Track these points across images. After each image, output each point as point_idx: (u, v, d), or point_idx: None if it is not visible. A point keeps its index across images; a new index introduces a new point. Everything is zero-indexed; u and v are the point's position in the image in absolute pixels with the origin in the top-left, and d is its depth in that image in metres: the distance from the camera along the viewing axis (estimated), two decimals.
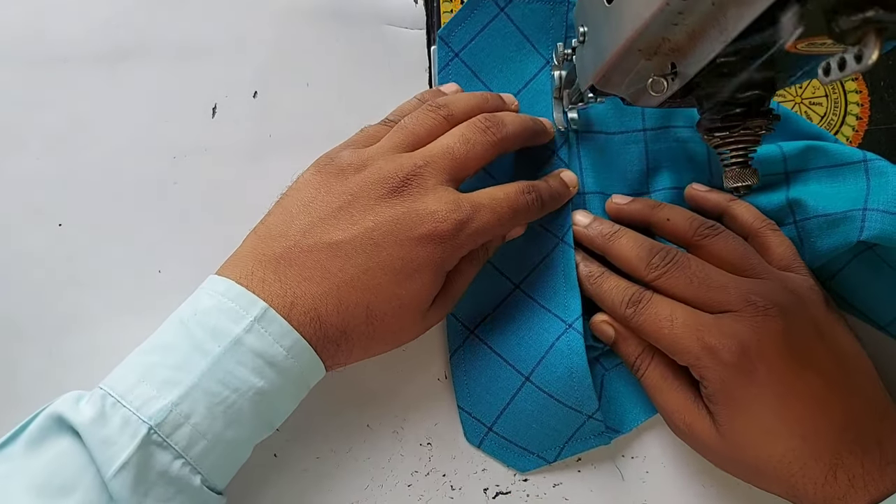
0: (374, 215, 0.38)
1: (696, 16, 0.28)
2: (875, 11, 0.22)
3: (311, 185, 0.40)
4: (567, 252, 0.46)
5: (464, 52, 0.48)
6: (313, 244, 0.37)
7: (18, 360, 0.44)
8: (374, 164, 0.39)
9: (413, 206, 0.38)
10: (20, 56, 0.46)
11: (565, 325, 0.45)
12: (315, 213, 0.38)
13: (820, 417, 0.39)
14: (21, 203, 0.46)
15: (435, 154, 0.40)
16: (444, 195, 0.39)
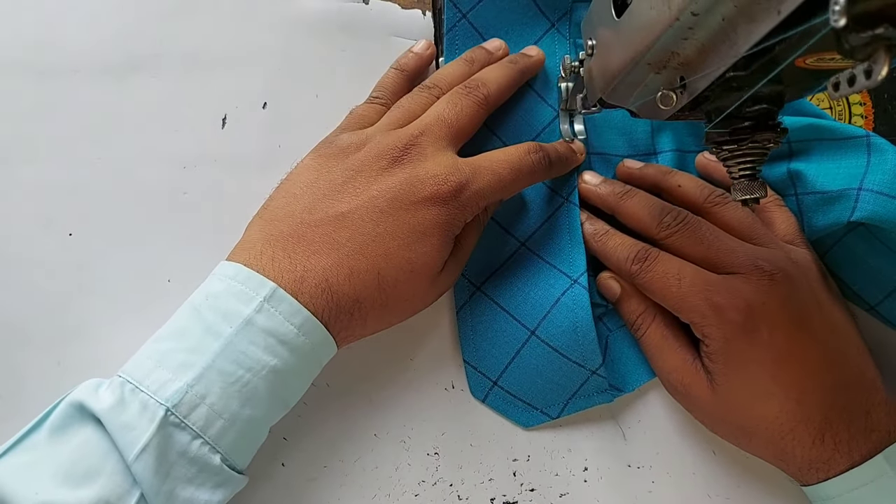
0: (377, 185, 0.39)
1: (707, 31, 0.28)
2: (885, 28, 0.22)
3: (313, 168, 0.41)
4: (572, 211, 0.48)
5: (471, 13, 0.48)
6: (320, 218, 0.38)
7: (27, 367, 0.44)
8: (373, 140, 0.41)
9: (414, 171, 0.39)
10: (32, 66, 0.47)
11: (570, 280, 0.46)
12: (319, 191, 0.39)
13: (814, 382, 0.41)
14: (31, 211, 0.46)
15: (428, 123, 0.41)
16: (443, 159, 0.40)
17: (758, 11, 0.25)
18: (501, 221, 0.47)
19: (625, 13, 0.33)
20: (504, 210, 0.47)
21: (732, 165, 0.33)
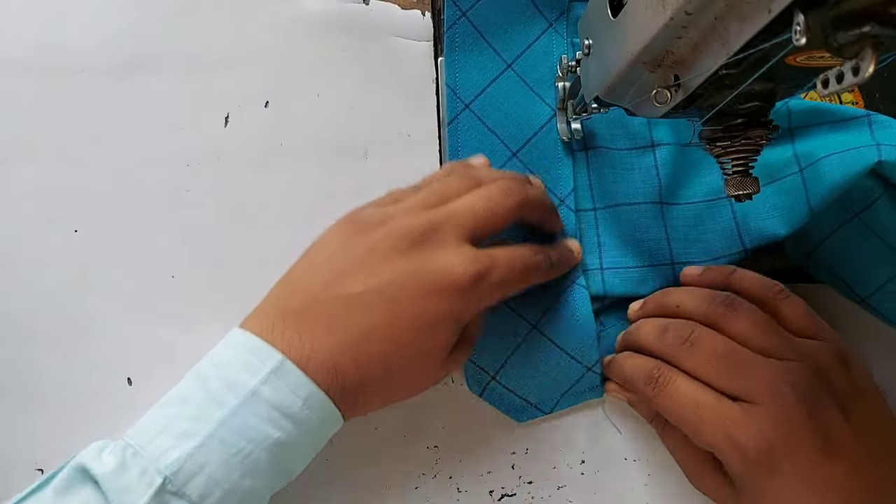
0: (392, 268, 0.38)
1: (700, 30, 0.29)
2: (871, 27, 0.23)
3: (335, 240, 0.40)
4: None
5: (471, 11, 0.49)
6: (333, 296, 0.38)
7: (34, 363, 0.45)
8: (396, 220, 0.40)
9: (431, 259, 0.38)
10: (37, 66, 0.47)
11: (571, 279, 0.48)
12: (336, 267, 0.39)
13: (841, 498, 0.38)
14: (37, 210, 0.46)
15: (456, 210, 0.40)
16: (462, 249, 0.39)
17: (749, 10, 0.26)
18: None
19: (620, 13, 0.34)
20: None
21: (726, 161, 0.34)
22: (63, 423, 0.45)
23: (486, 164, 0.47)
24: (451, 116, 0.48)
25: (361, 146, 0.49)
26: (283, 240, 0.47)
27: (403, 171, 0.49)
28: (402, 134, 0.49)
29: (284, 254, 0.47)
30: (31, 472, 0.45)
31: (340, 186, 0.48)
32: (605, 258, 0.49)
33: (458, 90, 0.48)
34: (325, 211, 0.47)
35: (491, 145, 0.48)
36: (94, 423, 0.45)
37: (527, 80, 0.49)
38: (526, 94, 0.49)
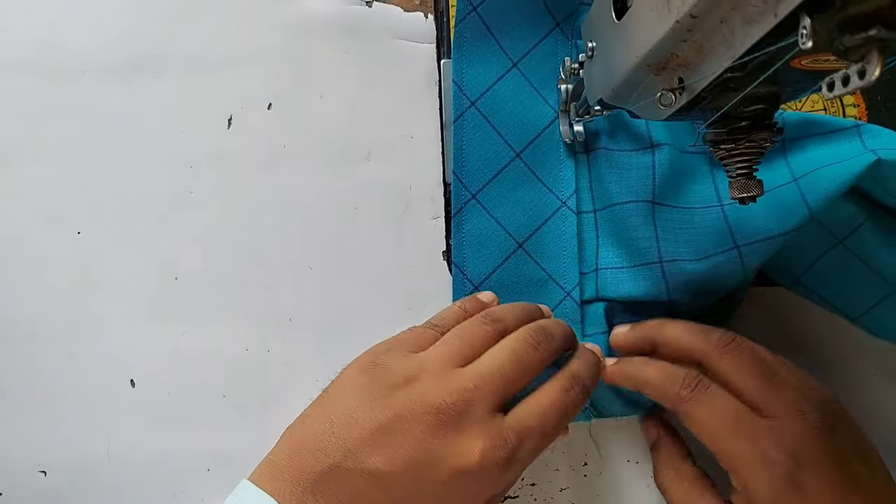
0: (417, 446, 0.36)
1: (705, 33, 0.29)
2: (878, 30, 0.23)
3: (356, 394, 0.37)
4: (568, 217, 0.49)
5: (482, 6, 0.49)
6: (353, 468, 0.35)
7: (36, 364, 0.45)
8: (423, 382, 0.37)
9: (461, 440, 0.36)
10: (40, 67, 0.47)
11: (564, 292, 0.48)
12: (357, 431, 0.36)
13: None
14: (40, 210, 0.47)
15: (485, 375, 0.37)
16: (493, 427, 0.36)
17: (754, 14, 0.26)
18: (500, 219, 0.48)
19: (625, 16, 0.34)
20: (503, 208, 0.48)
21: (730, 164, 0.34)
22: (66, 425, 0.45)
23: (495, 301, 0.45)
24: (457, 113, 0.48)
25: (364, 148, 0.49)
26: (285, 241, 0.47)
27: (406, 173, 0.49)
28: (405, 136, 0.49)
29: (288, 255, 0.47)
30: (34, 474, 0.45)
31: (343, 188, 0.48)
32: (601, 259, 0.49)
33: (464, 87, 0.48)
34: (328, 212, 0.48)
35: (495, 145, 0.48)
36: (97, 424, 0.45)
37: (531, 80, 0.50)
38: (530, 95, 0.50)
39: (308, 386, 0.46)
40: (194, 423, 0.46)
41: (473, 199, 0.48)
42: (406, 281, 0.48)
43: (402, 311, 0.48)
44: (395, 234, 0.49)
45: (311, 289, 0.48)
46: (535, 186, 0.49)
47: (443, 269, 0.49)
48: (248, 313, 0.47)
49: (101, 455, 0.45)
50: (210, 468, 0.46)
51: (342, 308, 0.48)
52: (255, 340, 0.47)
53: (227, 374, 0.46)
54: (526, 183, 0.49)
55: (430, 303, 0.48)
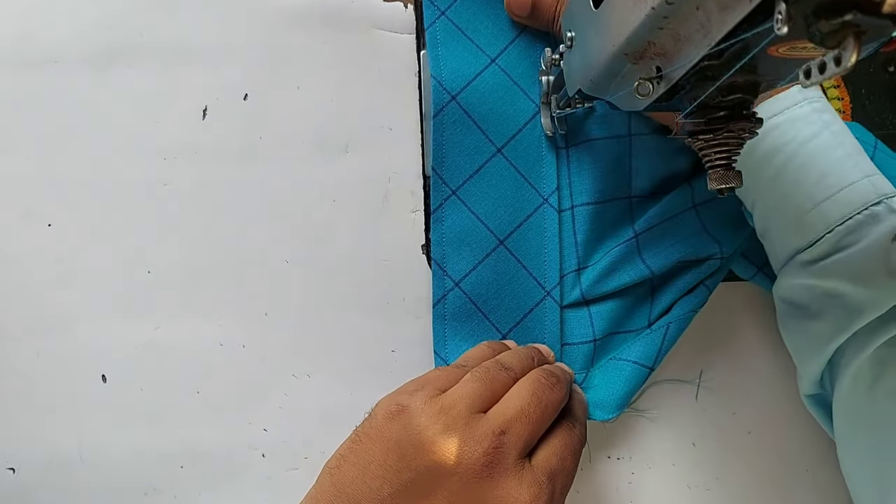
0: (453, 499, 0.36)
1: (681, 20, 0.28)
2: (853, 15, 0.22)
3: (383, 445, 0.37)
4: (549, 214, 0.48)
5: (450, 10, 0.48)
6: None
7: (6, 359, 0.44)
8: (451, 433, 0.36)
9: (496, 492, 0.36)
10: (10, 57, 0.47)
11: (544, 291, 0.48)
12: (389, 486, 0.36)
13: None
14: (10, 203, 0.46)
15: (511, 419, 0.37)
16: (526, 475, 0.36)
17: (730, 0, 0.25)
18: (481, 215, 0.47)
19: (602, 3, 0.34)
20: (484, 204, 0.47)
21: (708, 155, 0.33)
22: (35, 421, 0.45)
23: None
24: (438, 108, 0.47)
25: (342, 140, 0.48)
26: (261, 235, 0.47)
27: (385, 165, 0.48)
28: (384, 128, 0.48)
29: (264, 249, 0.46)
30: (3, 471, 0.44)
31: (321, 180, 0.48)
32: (581, 256, 0.48)
33: (443, 81, 0.48)
34: (305, 205, 0.47)
35: (476, 140, 0.48)
36: (68, 420, 0.45)
37: (511, 74, 0.49)
38: (510, 89, 0.49)
39: (283, 381, 0.46)
40: (167, 420, 0.45)
41: (453, 195, 0.47)
42: (385, 275, 0.48)
43: (380, 305, 0.48)
44: (374, 227, 0.48)
45: (288, 283, 0.47)
46: (516, 182, 0.48)
47: (422, 262, 0.48)
48: (222, 308, 0.46)
49: (72, 452, 0.45)
50: (183, 465, 0.45)
51: (319, 302, 0.47)
52: (229, 335, 0.46)
53: (201, 370, 0.46)
54: (507, 179, 0.48)
55: (409, 297, 0.48)
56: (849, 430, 0.43)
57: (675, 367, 0.49)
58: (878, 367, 0.41)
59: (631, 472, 0.47)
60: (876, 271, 0.37)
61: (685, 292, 0.48)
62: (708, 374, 0.49)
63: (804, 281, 0.41)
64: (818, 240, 0.39)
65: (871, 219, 0.38)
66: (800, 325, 0.43)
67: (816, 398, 0.45)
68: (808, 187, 0.40)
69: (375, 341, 0.47)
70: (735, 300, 0.49)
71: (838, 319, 0.40)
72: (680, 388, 0.49)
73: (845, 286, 0.39)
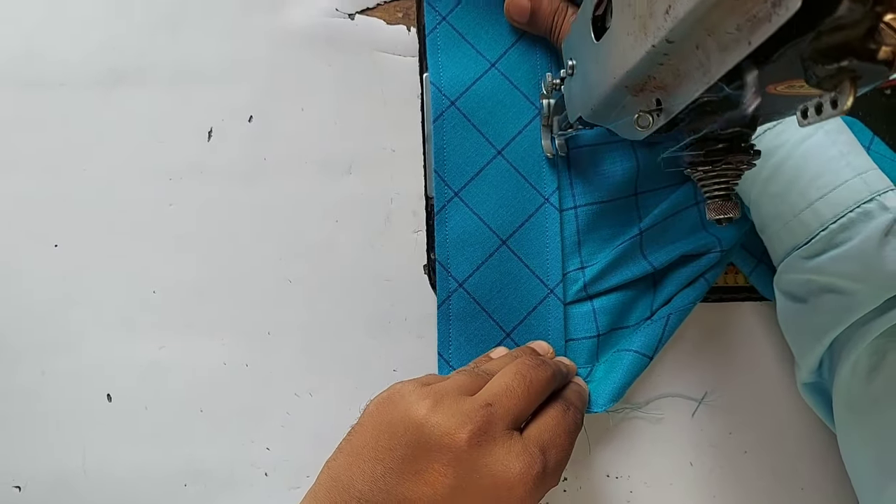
0: (444, 471, 0.36)
1: (681, 57, 0.29)
2: (850, 61, 0.23)
3: (375, 427, 0.38)
4: (551, 213, 0.49)
5: (451, 15, 0.49)
6: (382, 500, 0.36)
7: (12, 377, 0.45)
8: (438, 409, 0.37)
9: (486, 465, 0.36)
10: (18, 78, 0.47)
11: (547, 290, 0.49)
12: (382, 465, 0.37)
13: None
14: (17, 223, 0.46)
15: (497, 394, 0.38)
16: (514, 446, 0.37)
17: (729, 41, 0.26)
18: (483, 216, 0.48)
19: (603, 36, 0.34)
20: (486, 205, 0.48)
21: (707, 185, 0.34)
22: (41, 439, 0.45)
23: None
24: (437, 113, 0.48)
25: (345, 161, 0.49)
26: (265, 254, 0.47)
27: (387, 186, 0.49)
28: (386, 149, 0.49)
29: (267, 269, 0.47)
30: (9, 489, 0.44)
31: (324, 201, 0.48)
32: (584, 255, 0.49)
33: (443, 88, 0.48)
34: (308, 225, 0.48)
35: (476, 143, 0.49)
36: (73, 438, 0.45)
37: (511, 78, 0.50)
38: (510, 93, 0.50)
39: (286, 400, 0.46)
40: (171, 438, 0.46)
41: (456, 197, 0.48)
42: (387, 294, 0.48)
43: (382, 324, 0.48)
44: (376, 247, 0.49)
45: (291, 302, 0.48)
46: (517, 183, 0.49)
47: (424, 282, 0.49)
48: (226, 327, 0.47)
49: (76, 470, 0.45)
50: (187, 483, 0.46)
51: (321, 322, 0.48)
52: (233, 354, 0.47)
53: (204, 389, 0.46)
54: (508, 180, 0.49)
55: (411, 316, 0.48)
56: (848, 417, 0.44)
57: (677, 383, 0.50)
58: (875, 355, 0.42)
59: (629, 491, 0.48)
60: (869, 266, 0.39)
61: (685, 285, 0.49)
62: (708, 391, 0.49)
63: (802, 276, 0.42)
64: (813, 237, 0.41)
65: (863, 216, 0.39)
66: (798, 317, 0.44)
67: (813, 386, 0.47)
68: (802, 187, 0.41)
69: (377, 360, 0.48)
70: (734, 321, 0.50)
71: (835, 312, 0.41)
72: (678, 407, 0.49)
73: (841, 281, 0.40)
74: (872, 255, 0.39)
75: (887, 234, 0.38)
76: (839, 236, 0.40)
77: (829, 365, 0.44)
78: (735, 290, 0.50)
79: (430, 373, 0.47)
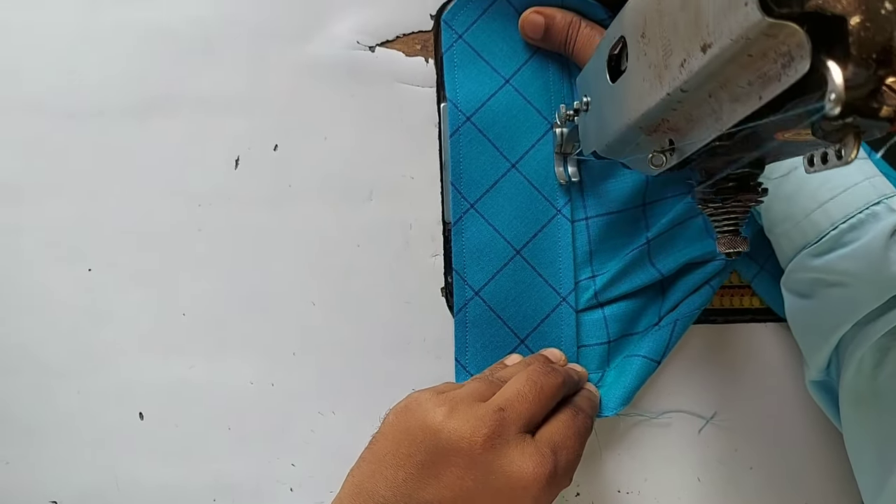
0: (461, 474, 0.38)
1: (694, 105, 0.31)
2: (854, 118, 0.24)
3: (395, 435, 0.40)
4: (563, 224, 0.51)
5: (467, 34, 0.51)
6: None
7: (50, 396, 0.47)
8: (454, 415, 0.39)
9: (501, 466, 0.38)
10: (55, 108, 0.49)
11: (560, 297, 0.50)
12: (403, 471, 0.38)
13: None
14: (53, 246, 0.48)
15: (509, 399, 0.40)
16: (526, 447, 0.38)
17: (741, 94, 0.28)
18: (498, 227, 0.50)
19: (619, 79, 0.36)
20: (500, 216, 0.50)
21: (717, 221, 0.36)
22: (76, 456, 0.47)
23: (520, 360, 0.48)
24: (454, 128, 0.50)
25: (366, 188, 0.51)
26: (289, 278, 0.49)
27: (406, 212, 0.51)
28: (406, 176, 0.51)
29: (292, 291, 0.49)
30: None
31: (346, 226, 0.50)
32: (595, 264, 0.51)
33: (459, 104, 0.50)
34: (331, 250, 0.49)
35: (491, 156, 0.50)
36: (107, 455, 0.47)
37: (525, 94, 0.51)
38: (524, 108, 0.51)
39: (310, 418, 0.48)
40: (201, 455, 0.47)
41: (472, 209, 0.50)
42: (406, 316, 0.50)
43: (401, 345, 0.50)
44: (396, 271, 0.50)
45: (314, 324, 0.49)
46: (531, 195, 0.51)
47: (441, 304, 0.50)
48: (253, 347, 0.49)
49: (110, 485, 0.47)
50: (216, 498, 0.47)
51: (343, 342, 0.50)
52: (259, 374, 0.49)
53: (232, 407, 0.48)
54: (522, 192, 0.51)
55: (429, 338, 0.50)
56: (854, 413, 0.46)
57: (686, 402, 0.51)
58: (879, 353, 0.44)
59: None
60: (876, 265, 0.40)
61: (692, 291, 0.50)
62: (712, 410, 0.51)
63: (810, 274, 0.44)
64: (823, 236, 0.42)
65: (871, 217, 0.41)
66: (806, 314, 0.46)
67: (821, 384, 0.48)
68: (813, 189, 0.43)
69: (396, 379, 0.49)
70: (741, 342, 0.51)
71: (841, 309, 0.43)
72: (685, 424, 0.51)
73: (848, 279, 0.42)
74: (878, 255, 0.40)
75: (893, 235, 0.40)
76: (848, 235, 0.42)
77: (837, 363, 0.46)
78: (741, 311, 0.52)
79: None
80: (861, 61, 0.23)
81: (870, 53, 0.23)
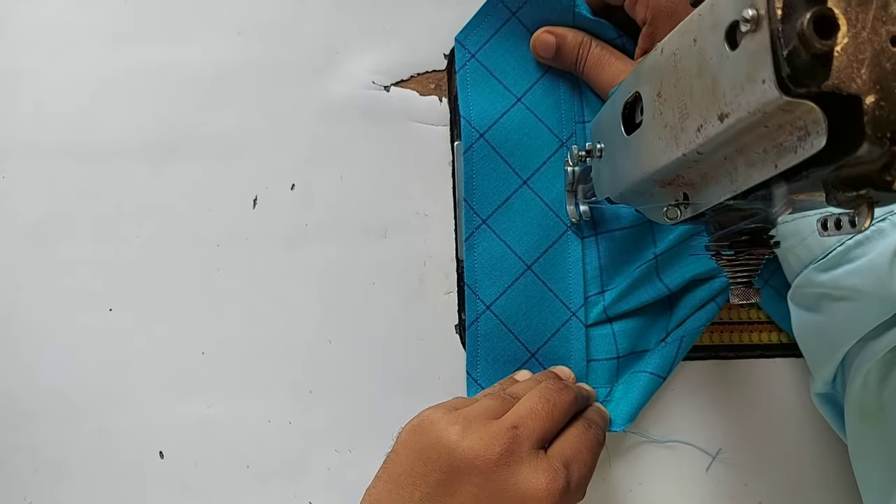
0: (477, 492, 0.38)
1: (710, 165, 0.31)
2: (867, 190, 0.25)
3: (409, 455, 0.40)
4: (573, 240, 0.52)
5: (479, 53, 0.52)
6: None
7: (71, 435, 0.47)
8: (467, 433, 0.39)
9: (515, 483, 0.38)
10: (75, 149, 0.50)
11: (570, 312, 0.51)
12: (418, 490, 0.39)
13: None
14: (73, 287, 0.49)
15: (522, 416, 0.40)
16: (539, 463, 0.39)
17: (757, 160, 0.28)
18: (509, 242, 0.51)
19: (634, 133, 0.37)
20: (512, 232, 0.51)
21: (731, 272, 0.36)
22: (97, 496, 0.47)
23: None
24: (467, 145, 0.51)
25: (381, 225, 0.51)
26: (306, 316, 0.50)
27: (420, 249, 0.51)
28: (420, 214, 0.52)
29: (309, 329, 0.49)
30: None
31: (361, 264, 0.51)
32: (604, 279, 0.52)
33: (472, 121, 0.51)
34: (347, 287, 0.50)
35: (503, 173, 0.51)
36: (129, 494, 0.47)
37: (536, 112, 0.52)
38: (536, 126, 0.52)
39: (327, 455, 0.49)
40: (219, 493, 0.48)
41: (484, 224, 0.51)
42: (420, 353, 0.51)
43: (416, 382, 0.51)
44: (411, 308, 0.51)
45: (331, 361, 0.50)
46: (542, 211, 0.51)
47: (455, 340, 0.51)
48: (270, 386, 0.49)
49: None
50: None
51: (360, 380, 0.50)
52: (277, 412, 0.49)
53: (250, 445, 0.49)
54: (533, 208, 0.52)
55: (443, 375, 0.51)
56: (860, 427, 0.46)
57: (694, 436, 0.52)
58: (885, 367, 0.44)
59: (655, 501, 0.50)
60: (882, 280, 0.41)
61: (698, 308, 0.51)
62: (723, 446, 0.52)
63: (816, 289, 0.44)
64: (830, 252, 0.43)
65: (877, 234, 0.42)
66: (813, 328, 0.47)
67: (826, 397, 0.49)
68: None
69: (411, 416, 0.50)
70: (751, 377, 0.52)
71: (847, 323, 0.43)
72: (694, 458, 0.52)
73: (854, 294, 0.42)
74: (884, 271, 0.41)
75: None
76: (854, 251, 0.42)
77: (842, 377, 0.47)
78: (750, 347, 0.53)
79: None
80: (876, 140, 0.23)
81: (885, 132, 0.23)
